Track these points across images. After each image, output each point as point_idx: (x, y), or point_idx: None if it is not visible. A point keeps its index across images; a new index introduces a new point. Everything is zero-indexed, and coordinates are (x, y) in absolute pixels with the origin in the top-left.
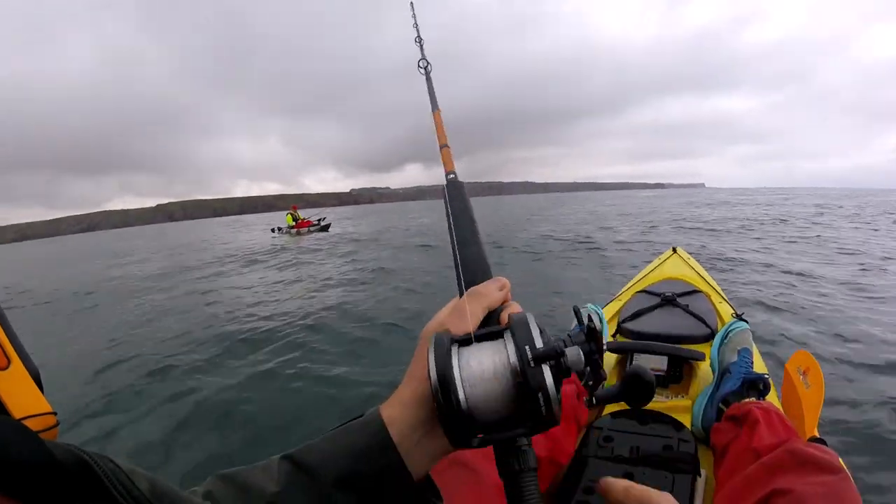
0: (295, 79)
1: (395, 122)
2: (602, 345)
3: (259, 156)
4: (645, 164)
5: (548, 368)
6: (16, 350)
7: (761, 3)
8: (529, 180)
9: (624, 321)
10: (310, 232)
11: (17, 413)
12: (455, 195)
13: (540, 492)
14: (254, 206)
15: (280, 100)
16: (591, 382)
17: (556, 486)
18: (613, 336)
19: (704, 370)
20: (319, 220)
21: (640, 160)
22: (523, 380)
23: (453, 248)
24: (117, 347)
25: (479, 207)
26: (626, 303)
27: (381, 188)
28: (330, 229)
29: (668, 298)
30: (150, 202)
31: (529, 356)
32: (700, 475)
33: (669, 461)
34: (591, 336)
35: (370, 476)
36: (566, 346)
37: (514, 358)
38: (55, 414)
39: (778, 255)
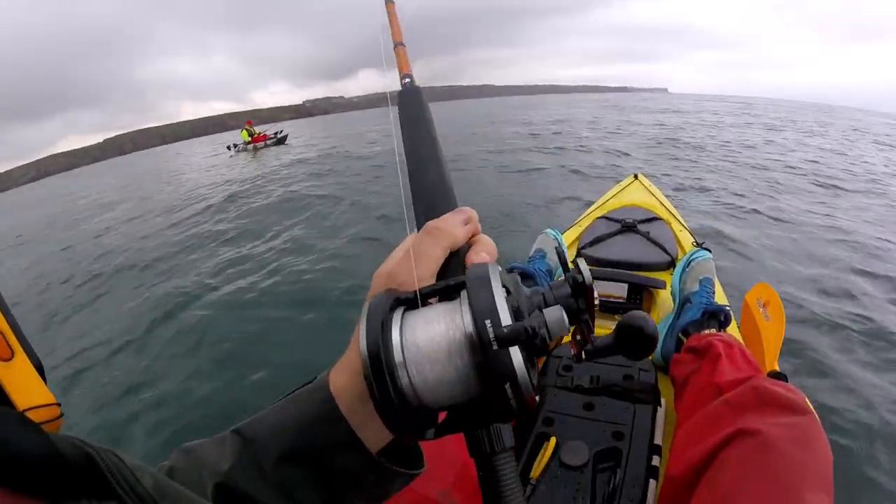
0: None
1: (345, 25)
2: (593, 302)
3: (205, 75)
4: (609, 67)
5: (517, 351)
6: (19, 341)
7: None
8: (489, 83)
9: (584, 247)
10: (266, 146)
11: (20, 404)
12: (411, 104)
13: (517, 473)
14: (205, 127)
15: (224, 9)
16: (578, 337)
17: None
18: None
19: (665, 299)
20: (276, 132)
21: (605, 62)
22: (485, 366)
23: (408, 172)
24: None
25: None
26: (586, 228)
27: (335, 97)
28: (288, 140)
29: (629, 225)
30: (98, 138)
31: (491, 336)
32: (661, 405)
33: (630, 391)
34: (577, 290)
35: (319, 450)
36: (545, 305)
37: (470, 328)
38: (59, 405)
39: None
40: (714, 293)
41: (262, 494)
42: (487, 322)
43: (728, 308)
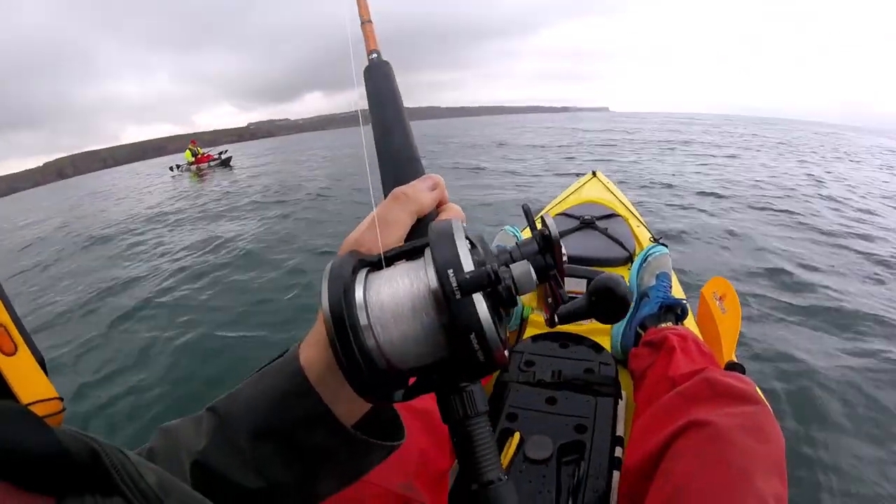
0: (179, 6)
1: (289, 46)
2: (562, 256)
3: (148, 96)
4: (553, 88)
5: (482, 299)
6: (22, 335)
7: None
8: (436, 105)
9: None
10: (210, 167)
11: (23, 398)
12: (379, 77)
13: (493, 436)
14: (144, 151)
15: (165, 31)
16: (549, 299)
17: None
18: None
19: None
20: (220, 153)
21: (548, 84)
22: (449, 317)
23: (375, 141)
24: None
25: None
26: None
27: (279, 120)
28: (232, 163)
29: (587, 221)
30: (37, 161)
31: (454, 285)
32: (622, 398)
33: (591, 384)
34: (545, 246)
35: (290, 425)
36: (513, 260)
37: (434, 284)
38: (61, 399)
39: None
40: (671, 287)
41: (236, 472)
42: (450, 272)
43: (684, 301)
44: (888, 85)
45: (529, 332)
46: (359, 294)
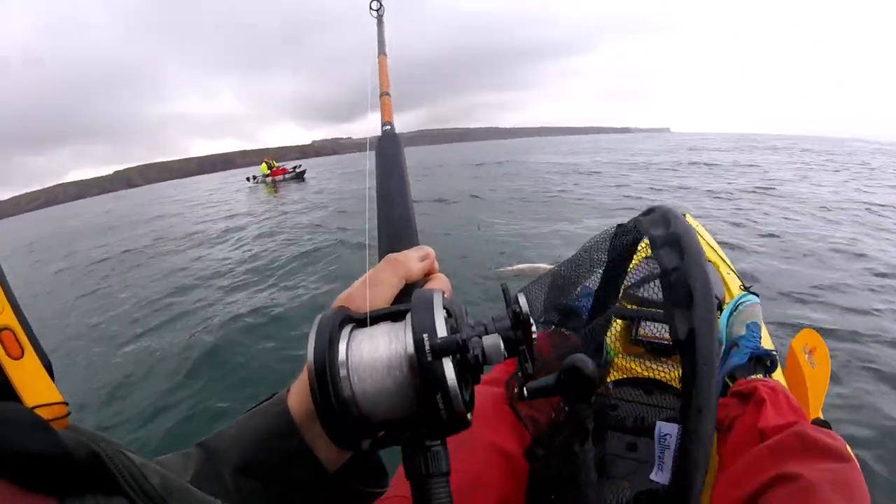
0: (243, 28)
1: (351, 68)
2: (531, 335)
3: (214, 114)
4: (613, 107)
5: (450, 364)
6: (29, 339)
7: None
8: (496, 126)
9: (630, 287)
10: (284, 180)
11: (29, 401)
12: (388, 149)
13: (451, 499)
14: (213, 164)
15: (229, 53)
16: (520, 374)
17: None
18: (619, 301)
19: None
20: (294, 167)
21: (609, 103)
22: (419, 376)
23: (370, 209)
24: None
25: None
26: (632, 268)
27: (342, 138)
28: (306, 176)
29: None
30: (108, 170)
31: (427, 347)
32: None
33: None
34: (516, 322)
35: (274, 463)
36: (486, 333)
37: (410, 348)
38: (66, 404)
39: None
40: (761, 338)
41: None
42: (425, 336)
43: (775, 353)
44: None
45: (613, 375)
46: (342, 347)
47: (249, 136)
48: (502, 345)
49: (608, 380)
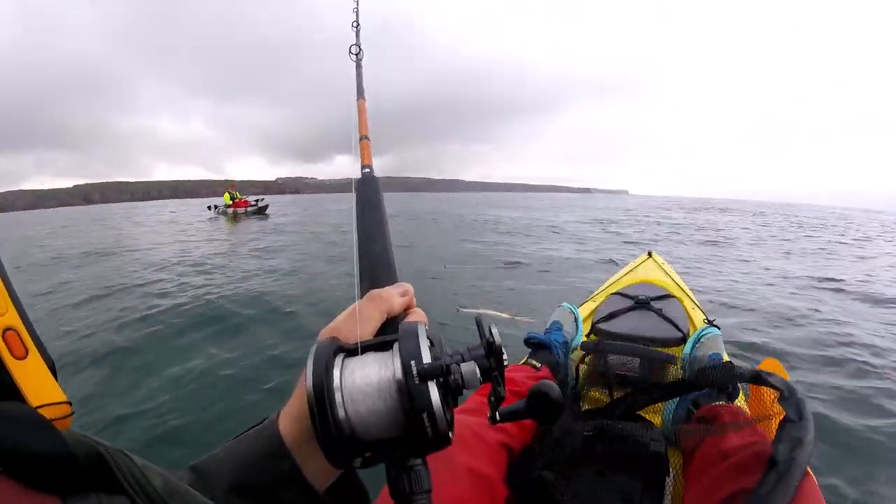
0: (223, 53)
1: (324, 108)
2: (503, 361)
3: (182, 137)
4: (573, 168)
5: (434, 386)
6: (33, 340)
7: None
8: (460, 178)
9: (598, 321)
10: (246, 213)
11: (33, 401)
12: (368, 191)
13: None
14: (174, 190)
15: (207, 77)
16: (492, 399)
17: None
18: (588, 336)
19: (675, 373)
20: (257, 200)
21: (571, 163)
22: (408, 399)
23: (356, 248)
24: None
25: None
26: (600, 304)
27: (307, 178)
28: (267, 211)
29: (642, 302)
30: (67, 182)
31: (414, 371)
32: (669, 475)
33: (639, 459)
34: (490, 351)
35: (265, 483)
36: (463, 361)
37: (399, 373)
38: (70, 404)
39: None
40: None
41: None
42: (412, 362)
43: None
44: (871, 170)
45: (583, 405)
46: (336, 374)
47: (215, 167)
48: (478, 371)
49: (581, 407)
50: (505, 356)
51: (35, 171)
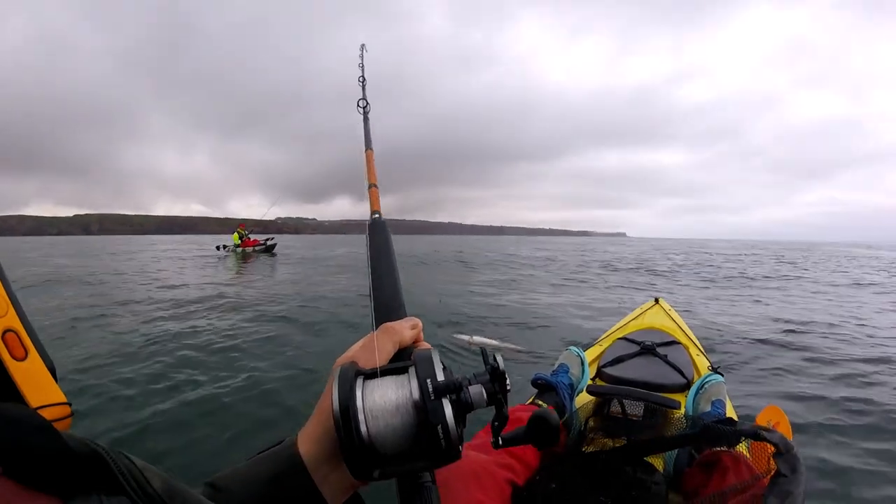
0: (231, 91)
1: (327, 152)
2: (506, 386)
3: (184, 171)
4: (573, 212)
5: (448, 403)
6: (33, 342)
7: (699, 63)
8: (460, 221)
9: (604, 366)
10: (255, 251)
11: (33, 402)
12: (377, 234)
13: None
14: (171, 226)
15: (213, 113)
16: (496, 423)
17: None
18: (593, 379)
19: (678, 418)
20: (266, 240)
21: (570, 207)
22: (424, 414)
23: (370, 285)
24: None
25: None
26: (606, 348)
27: (307, 219)
28: (276, 250)
29: (648, 347)
30: (68, 211)
31: (430, 389)
32: None
33: (640, 501)
34: (494, 376)
35: (283, 501)
36: (471, 384)
37: (416, 392)
38: (69, 405)
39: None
40: (725, 414)
41: None
42: (428, 381)
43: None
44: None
45: (586, 448)
46: (358, 394)
47: (216, 204)
48: (484, 393)
49: (584, 449)
50: (508, 382)
51: (37, 197)
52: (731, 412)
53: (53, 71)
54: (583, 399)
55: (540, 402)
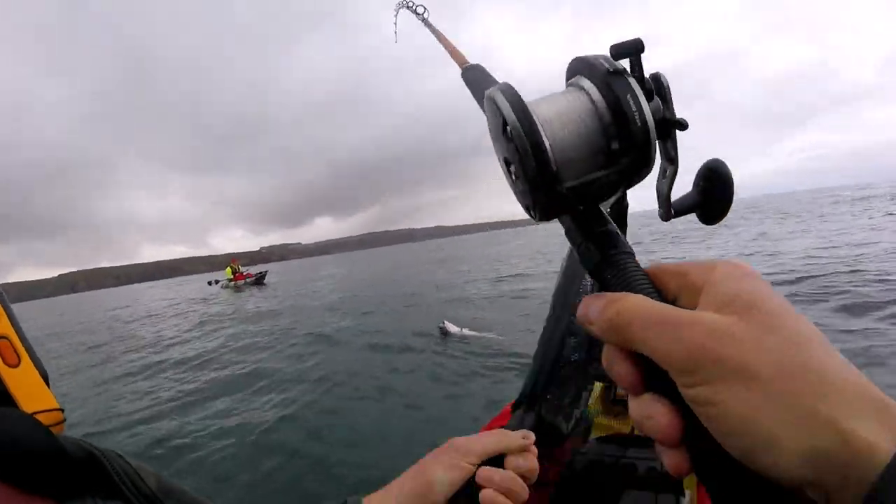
0: (196, 125)
1: (301, 172)
2: (672, 105)
3: (163, 215)
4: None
5: (634, 81)
6: (26, 349)
7: (659, 29)
8: (441, 224)
9: None
10: (246, 284)
11: (26, 408)
12: (475, 78)
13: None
14: (159, 271)
15: (181, 150)
16: (664, 179)
17: None
18: (596, 362)
19: None
20: (258, 274)
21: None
22: (608, 95)
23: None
24: None
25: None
26: None
27: (291, 244)
28: (266, 280)
29: None
30: (53, 272)
31: (606, 66)
32: (684, 495)
33: (652, 481)
34: (659, 89)
35: None
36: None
37: (590, 88)
38: (62, 410)
39: None
40: None
41: None
42: (602, 59)
43: None
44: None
45: (594, 434)
46: (531, 108)
47: (198, 242)
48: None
49: (590, 438)
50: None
51: (20, 263)
52: None
53: (16, 133)
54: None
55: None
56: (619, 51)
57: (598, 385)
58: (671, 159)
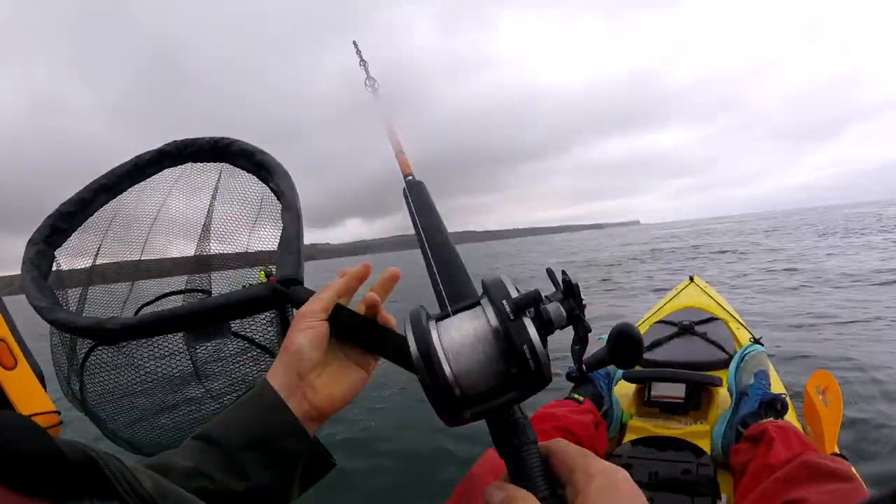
0: (230, 131)
1: (333, 175)
2: (581, 300)
3: (193, 213)
4: (584, 205)
5: (530, 322)
6: (22, 351)
7: (688, 39)
8: (470, 230)
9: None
10: None
11: (22, 410)
12: (418, 196)
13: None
14: (191, 265)
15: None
16: (577, 347)
17: None
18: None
19: (722, 395)
20: None
21: (580, 201)
22: (506, 338)
23: (425, 251)
24: None
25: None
26: (643, 334)
27: (320, 244)
28: None
29: (686, 327)
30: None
31: (508, 309)
32: (720, 498)
33: (688, 485)
34: (569, 291)
35: (272, 436)
36: (546, 303)
37: (493, 318)
38: (58, 413)
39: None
40: (769, 384)
41: (224, 477)
42: (503, 301)
43: (784, 395)
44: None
45: (628, 436)
46: (434, 336)
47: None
48: (563, 311)
49: (624, 441)
50: (584, 300)
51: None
52: (776, 382)
53: (52, 131)
54: (621, 388)
55: (577, 396)
56: (518, 304)
57: (630, 386)
58: (581, 339)
